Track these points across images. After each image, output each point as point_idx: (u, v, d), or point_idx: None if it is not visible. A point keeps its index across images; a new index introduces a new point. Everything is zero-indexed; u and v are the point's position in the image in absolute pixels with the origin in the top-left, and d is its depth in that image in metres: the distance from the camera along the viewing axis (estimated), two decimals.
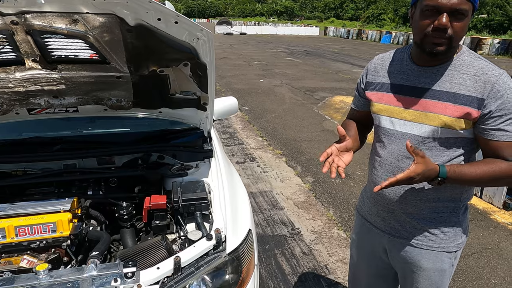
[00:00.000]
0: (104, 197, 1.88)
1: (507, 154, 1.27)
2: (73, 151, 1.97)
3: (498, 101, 1.24)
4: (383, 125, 1.47)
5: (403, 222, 1.50)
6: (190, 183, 1.88)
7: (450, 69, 1.32)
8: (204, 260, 1.45)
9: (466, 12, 1.21)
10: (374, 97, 1.51)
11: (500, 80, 1.25)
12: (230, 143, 5.89)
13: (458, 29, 1.22)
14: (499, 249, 3.26)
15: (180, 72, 1.77)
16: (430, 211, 1.44)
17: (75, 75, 1.71)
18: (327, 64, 16.43)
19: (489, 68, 1.28)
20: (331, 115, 7.65)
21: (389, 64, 1.49)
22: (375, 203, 1.58)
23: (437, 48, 1.25)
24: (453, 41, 1.24)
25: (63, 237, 1.58)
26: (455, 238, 1.46)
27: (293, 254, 3.09)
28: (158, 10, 1.38)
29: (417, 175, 1.23)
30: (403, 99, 1.40)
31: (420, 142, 1.37)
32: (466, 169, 1.29)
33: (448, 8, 1.20)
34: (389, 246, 1.57)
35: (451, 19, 1.21)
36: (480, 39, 24.60)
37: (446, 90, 1.31)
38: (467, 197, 1.46)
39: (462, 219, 1.47)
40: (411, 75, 1.40)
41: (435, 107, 1.32)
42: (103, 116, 2.18)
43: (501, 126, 1.25)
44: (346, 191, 4.28)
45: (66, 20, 1.42)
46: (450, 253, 1.47)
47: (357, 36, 39.61)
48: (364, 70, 1.60)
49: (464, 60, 1.32)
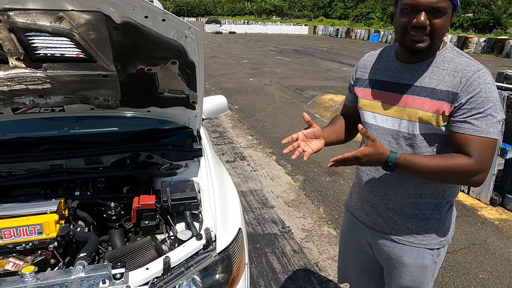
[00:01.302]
0: (91, 197, 1.86)
1: (470, 149, 1.24)
2: (60, 151, 1.93)
3: (470, 94, 1.24)
4: (367, 121, 1.50)
5: (386, 217, 1.51)
6: (180, 182, 1.87)
7: (431, 65, 1.33)
8: (194, 260, 1.44)
9: (444, 10, 1.22)
10: (360, 93, 1.54)
11: (476, 75, 1.25)
12: (220, 142, 5.87)
13: (437, 26, 1.24)
14: (486, 244, 3.31)
15: (168, 71, 1.75)
16: (412, 208, 1.45)
17: (61, 73, 1.68)
18: (316, 62, 16.48)
19: (468, 64, 1.29)
20: (321, 113, 7.68)
21: (377, 61, 1.52)
22: (360, 198, 1.61)
23: (417, 45, 1.27)
24: (433, 38, 1.26)
25: (49, 239, 1.56)
26: (438, 235, 1.47)
27: (284, 252, 3.09)
28: (145, 8, 1.36)
29: (364, 156, 1.27)
30: (386, 95, 1.42)
31: (401, 138, 1.38)
32: (418, 159, 1.29)
33: (426, 6, 1.22)
34: (373, 241, 1.59)
35: (430, 17, 1.23)
36: (467, 38, 24.94)
37: (425, 86, 1.32)
38: (451, 194, 1.46)
39: (445, 217, 1.47)
40: (395, 71, 1.42)
41: (413, 103, 1.34)
42: (91, 116, 2.15)
43: (468, 119, 1.24)
44: (336, 189, 4.30)
45: (50, 18, 1.39)
46: (432, 250, 1.48)
47: (346, 35, 39.82)
48: (355, 67, 1.63)
49: (446, 56, 1.33)
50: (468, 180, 1.30)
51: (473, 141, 1.23)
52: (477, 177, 1.27)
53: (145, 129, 2.18)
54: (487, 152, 1.24)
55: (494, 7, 35.81)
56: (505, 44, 22.35)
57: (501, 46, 22.48)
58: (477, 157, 1.23)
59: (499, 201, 3.96)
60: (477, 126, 1.23)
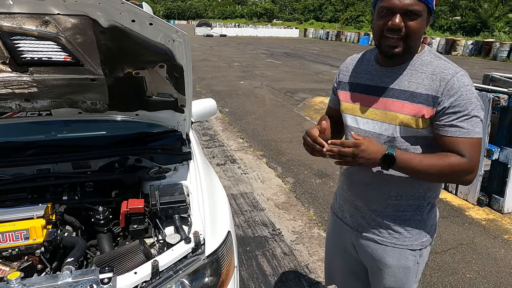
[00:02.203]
0: (79, 202, 1.84)
1: (461, 150, 1.28)
2: (47, 156, 1.92)
3: (452, 98, 1.26)
4: (349, 124, 1.52)
5: (369, 219, 1.53)
6: (168, 186, 1.86)
7: (409, 69, 1.35)
8: (182, 263, 1.44)
9: (419, 12, 1.24)
10: (342, 96, 1.56)
11: (455, 78, 1.27)
12: (211, 145, 5.87)
13: (412, 28, 1.26)
14: (473, 244, 3.36)
15: (156, 74, 1.75)
16: (393, 209, 1.47)
17: (48, 77, 1.67)
18: (307, 65, 16.57)
19: (446, 67, 1.31)
20: (311, 116, 7.72)
21: (358, 64, 1.54)
22: (344, 200, 1.63)
23: (393, 50, 1.31)
24: (409, 41, 1.28)
25: (36, 244, 1.54)
26: (419, 236, 1.49)
27: (274, 254, 3.10)
28: (132, 12, 1.37)
29: (362, 143, 1.29)
30: (367, 98, 1.44)
31: (382, 141, 1.40)
32: (414, 155, 1.32)
33: (401, 8, 1.24)
34: (357, 242, 1.61)
35: (404, 19, 1.25)
36: (455, 41, 25.33)
37: (404, 89, 1.34)
38: (432, 195, 1.48)
39: (427, 218, 1.49)
40: (375, 75, 1.44)
41: (393, 106, 1.36)
42: (78, 120, 2.13)
43: (455, 122, 1.27)
44: (326, 191, 4.32)
45: (36, 22, 1.38)
46: (414, 251, 1.50)
47: (336, 38, 40.15)
48: (338, 70, 1.64)
49: (424, 59, 1.35)
50: (461, 178, 1.34)
51: (463, 143, 1.28)
52: (469, 176, 1.33)
53: (133, 133, 2.17)
54: (476, 151, 1.30)
55: (481, 10, 36.41)
56: (492, 46, 22.75)
57: (488, 49, 22.89)
58: (469, 156, 1.28)
59: (486, 201, 4.02)
60: (464, 128, 1.27)
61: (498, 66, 18.02)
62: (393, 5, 1.25)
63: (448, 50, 24.88)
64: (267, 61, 17.74)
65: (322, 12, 75.17)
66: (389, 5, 1.26)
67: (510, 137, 3.78)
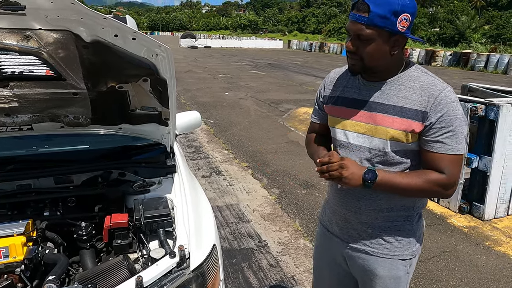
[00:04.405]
0: (61, 217, 1.81)
1: (443, 166, 1.32)
2: (28, 171, 1.88)
3: (439, 113, 1.29)
4: (338, 138, 1.52)
5: (360, 230, 1.54)
6: (153, 199, 1.85)
7: (397, 84, 1.37)
8: (167, 278, 1.42)
9: (370, 37, 1.27)
10: (330, 110, 1.56)
11: (443, 94, 1.30)
12: (196, 157, 5.84)
13: (366, 52, 1.30)
14: (456, 251, 3.41)
15: (140, 88, 1.75)
16: (384, 220, 1.49)
17: (29, 92, 1.65)
18: (291, 76, 16.74)
19: (433, 83, 1.34)
20: (296, 126, 7.78)
21: (343, 78, 1.54)
22: (334, 213, 1.63)
23: (352, 67, 1.38)
24: (365, 62, 1.33)
25: (16, 262, 1.50)
26: (409, 246, 1.51)
27: (260, 266, 3.08)
28: (114, 27, 1.37)
29: (347, 160, 1.34)
30: (356, 113, 1.45)
31: (372, 155, 1.42)
32: (394, 175, 1.35)
33: (353, 32, 1.30)
34: (348, 254, 1.60)
35: (358, 43, 1.31)
36: (434, 52, 26.00)
37: (394, 104, 1.36)
38: (420, 205, 1.51)
39: (416, 227, 1.51)
40: (362, 89, 1.45)
41: (383, 121, 1.37)
42: (61, 134, 2.11)
43: (440, 138, 1.31)
44: (311, 201, 4.34)
45: (17, 37, 1.37)
46: (404, 261, 1.51)
47: (319, 49, 40.76)
48: (322, 84, 1.65)
49: (411, 75, 1.37)
50: (441, 193, 1.39)
51: (444, 159, 1.32)
52: (449, 191, 1.37)
53: (117, 146, 2.15)
54: (456, 167, 1.34)
55: (459, 22, 37.59)
56: (470, 57, 23.43)
57: (466, 59, 23.56)
58: (448, 173, 1.32)
59: (467, 209, 4.11)
60: (447, 144, 1.30)
61: (476, 76, 18.56)
62: (347, 28, 1.32)
63: (428, 60, 25.51)
64: (252, 72, 17.86)
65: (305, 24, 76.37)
66: (346, 28, 1.34)
67: (488, 146, 3.88)
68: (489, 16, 42.25)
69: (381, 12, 1.23)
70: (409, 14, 1.26)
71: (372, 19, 1.24)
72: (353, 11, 1.29)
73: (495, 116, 3.73)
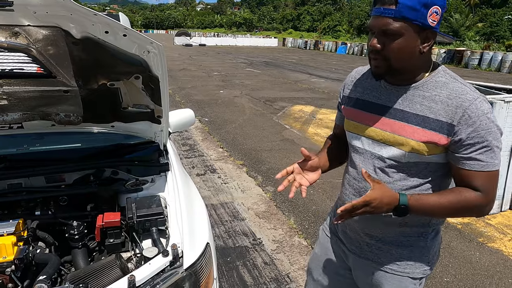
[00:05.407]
0: (53, 217, 1.79)
1: (478, 184, 1.20)
2: (18, 170, 1.86)
3: (470, 128, 1.16)
4: (353, 143, 1.42)
5: (369, 244, 1.44)
6: (145, 198, 1.84)
7: (422, 90, 1.25)
8: (160, 277, 1.41)
9: (398, 32, 1.15)
10: (347, 113, 1.46)
11: (473, 106, 1.16)
12: (190, 155, 5.82)
13: (391, 49, 1.18)
14: (450, 248, 3.43)
15: (131, 85, 1.73)
16: (396, 234, 1.38)
17: (18, 90, 1.63)
18: (285, 74, 16.74)
19: (463, 91, 1.20)
20: (291, 124, 7.78)
21: (365, 79, 1.43)
22: (343, 224, 1.51)
23: (375, 70, 1.25)
24: (390, 62, 1.20)
25: (6, 262, 1.48)
26: (422, 263, 1.39)
27: (255, 264, 3.08)
28: (105, 23, 1.35)
29: (374, 200, 1.17)
30: (373, 118, 1.34)
31: (388, 165, 1.31)
32: (429, 198, 1.22)
33: (378, 28, 1.18)
34: (354, 265, 1.52)
35: (383, 40, 1.18)
36: None
37: (416, 113, 1.24)
38: (436, 222, 1.39)
39: (431, 244, 1.39)
40: (382, 93, 1.33)
41: (403, 130, 1.25)
42: (52, 132, 2.08)
43: (473, 155, 1.18)
44: (306, 199, 4.34)
45: (5, 33, 1.35)
46: (415, 280, 1.41)
47: (314, 47, 40.83)
48: (343, 84, 1.54)
49: (438, 81, 1.24)
50: (478, 213, 1.28)
51: (479, 177, 1.19)
52: (486, 209, 1.25)
53: (109, 145, 2.13)
54: (493, 184, 1.22)
55: (453, 20, 37.77)
56: (463, 55, 23.57)
57: (460, 57, 23.69)
58: (486, 191, 1.21)
59: None
60: (483, 161, 1.18)
61: (469, 73, 18.67)
62: (371, 25, 1.20)
63: None
64: (247, 70, 17.83)
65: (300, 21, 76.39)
66: (369, 25, 1.21)
67: None
68: (482, 14, 42.46)
69: (410, 3, 1.12)
70: (440, 7, 1.15)
71: (401, 11, 1.12)
72: (377, 5, 1.17)
73: None
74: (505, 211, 4.16)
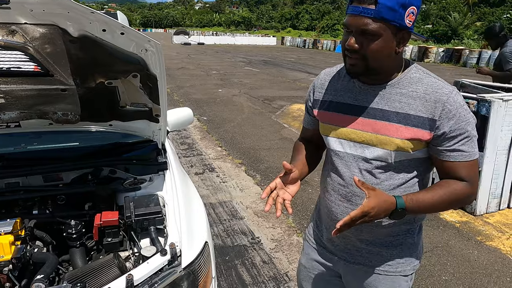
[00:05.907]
0: (51, 216, 1.78)
1: (464, 174, 1.23)
2: (16, 169, 1.85)
3: (451, 121, 1.19)
4: (333, 147, 1.38)
5: (359, 247, 1.42)
6: (144, 197, 1.83)
7: (398, 87, 1.25)
8: (158, 276, 1.41)
9: (376, 33, 1.13)
10: (321, 116, 1.43)
11: (451, 99, 1.19)
12: (189, 154, 5.82)
13: (369, 50, 1.16)
14: (448, 247, 3.44)
15: (129, 84, 1.73)
16: (385, 235, 1.38)
17: (15, 88, 1.62)
18: (284, 73, 16.72)
19: (438, 86, 1.22)
20: (289, 123, 7.78)
21: (336, 80, 1.41)
22: (329, 229, 1.47)
23: (352, 69, 1.23)
24: (368, 62, 1.19)
25: (4, 262, 1.48)
26: (411, 260, 1.42)
27: (254, 263, 3.08)
28: (102, 21, 1.35)
29: (372, 209, 1.15)
30: (351, 119, 1.32)
31: (374, 166, 1.30)
32: (423, 196, 1.24)
33: (355, 28, 1.15)
34: (344, 271, 1.50)
35: (361, 40, 1.16)
36: (427, 48, 26.10)
37: (396, 111, 1.24)
38: (421, 217, 1.42)
39: (417, 240, 1.43)
40: (358, 93, 1.32)
41: (386, 129, 1.25)
42: (50, 131, 2.08)
43: (456, 147, 1.21)
44: (304, 198, 4.34)
45: (2, 31, 1.34)
46: (406, 276, 1.42)
47: (313, 46, 40.78)
48: (311, 87, 1.51)
49: (412, 77, 1.25)
50: (467, 202, 1.33)
51: (464, 167, 1.23)
52: (472, 198, 1.30)
53: (107, 143, 2.13)
54: (476, 172, 1.27)
55: (451, 19, 37.80)
56: (462, 54, 23.58)
57: (458, 56, 23.70)
58: (471, 180, 1.25)
59: None
60: (465, 151, 1.22)
61: (468, 72, 18.66)
62: (348, 24, 1.18)
63: (420, 57, 25.62)
64: (245, 69, 17.81)
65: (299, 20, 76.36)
66: (346, 24, 1.19)
67: (480, 141, 3.90)
68: (481, 13, 42.53)
69: (390, 3, 1.10)
70: (416, 7, 1.15)
71: (380, 11, 1.11)
72: (354, 3, 1.15)
73: (487, 111, 3.75)
74: (503, 209, 4.17)
